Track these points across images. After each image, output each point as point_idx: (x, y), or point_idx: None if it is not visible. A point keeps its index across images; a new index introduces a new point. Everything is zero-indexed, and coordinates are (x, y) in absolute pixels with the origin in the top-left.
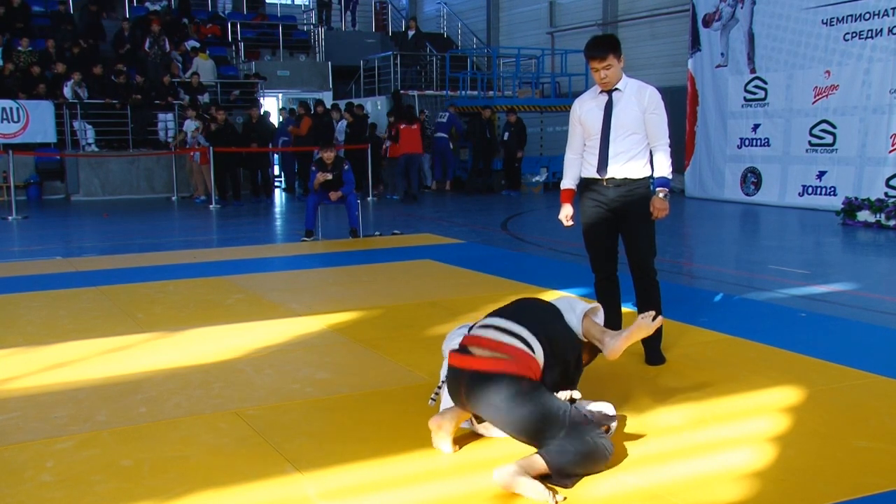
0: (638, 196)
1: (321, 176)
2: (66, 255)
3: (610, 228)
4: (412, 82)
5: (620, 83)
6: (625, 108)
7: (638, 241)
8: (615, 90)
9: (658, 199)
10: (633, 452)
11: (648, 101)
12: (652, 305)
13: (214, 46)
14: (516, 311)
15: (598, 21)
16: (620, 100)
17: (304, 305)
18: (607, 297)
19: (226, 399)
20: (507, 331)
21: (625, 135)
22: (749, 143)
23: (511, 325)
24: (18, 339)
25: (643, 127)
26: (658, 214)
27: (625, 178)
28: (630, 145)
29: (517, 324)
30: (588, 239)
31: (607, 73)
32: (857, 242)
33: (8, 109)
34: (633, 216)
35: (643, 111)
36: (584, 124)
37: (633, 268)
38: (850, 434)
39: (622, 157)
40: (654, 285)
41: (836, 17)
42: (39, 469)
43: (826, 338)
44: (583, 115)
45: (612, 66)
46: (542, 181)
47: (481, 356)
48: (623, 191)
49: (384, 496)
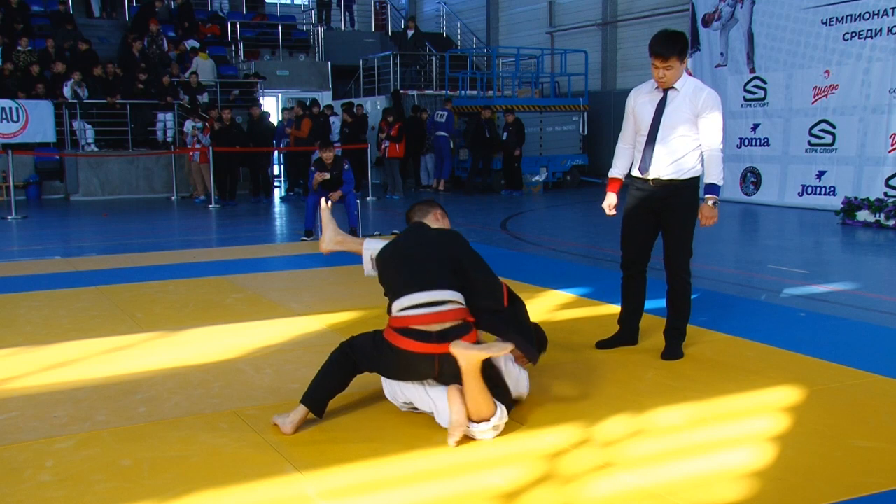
0: (683, 198)
1: (319, 175)
2: (65, 254)
3: (649, 227)
4: (412, 82)
5: (679, 83)
6: (677, 109)
7: (676, 241)
8: (671, 89)
9: (707, 207)
10: (633, 452)
11: (703, 103)
12: (680, 304)
13: (214, 46)
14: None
15: (597, 21)
16: (675, 99)
17: (303, 305)
18: (632, 295)
19: (225, 399)
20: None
21: (674, 135)
22: (748, 143)
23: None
24: (18, 338)
25: (694, 129)
26: (706, 223)
27: (671, 179)
28: (679, 147)
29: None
30: (625, 233)
31: (666, 74)
32: (857, 242)
33: (7, 109)
34: (674, 217)
35: (696, 114)
36: (637, 117)
37: (667, 265)
38: (850, 433)
39: (668, 157)
40: (685, 285)
41: (835, 17)
42: (39, 469)
43: (825, 337)
44: (636, 107)
45: (673, 68)
46: (541, 181)
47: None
48: (667, 192)
49: (384, 496)
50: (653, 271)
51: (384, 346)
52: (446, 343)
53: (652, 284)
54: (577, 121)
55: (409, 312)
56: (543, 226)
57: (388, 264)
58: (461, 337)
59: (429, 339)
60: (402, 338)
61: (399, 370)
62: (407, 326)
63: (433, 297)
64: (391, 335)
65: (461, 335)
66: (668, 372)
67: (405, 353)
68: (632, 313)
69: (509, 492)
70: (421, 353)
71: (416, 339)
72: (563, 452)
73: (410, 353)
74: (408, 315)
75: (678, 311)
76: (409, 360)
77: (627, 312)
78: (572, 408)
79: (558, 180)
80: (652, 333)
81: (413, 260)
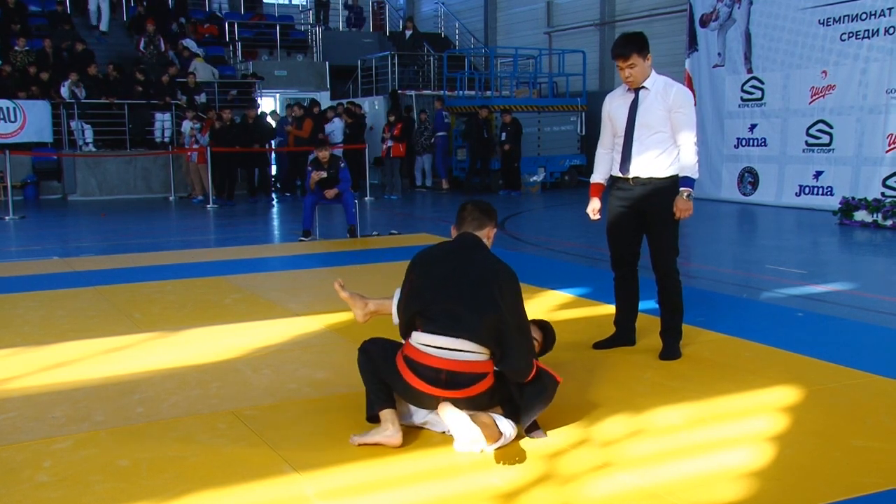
0: (663, 195)
1: (316, 174)
2: (63, 255)
3: (634, 227)
4: (410, 82)
5: (648, 81)
6: (650, 107)
7: (660, 241)
8: (642, 88)
9: (682, 200)
10: (632, 452)
11: (674, 99)
12: (672, 304)
13: (211, 46)
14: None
15: (595, 21)
16: (646, 98)
17: (301, 305)
18: (626, 295)
19: (223, 399)
20: (459, 349)
21: (649, 133)
22: (746, 143)
23: (459, 343)
24: (15, 339)
25: (669, 125)
26: (681, 215)
27: (650, 177)
28: (654, 144)
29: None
30: (611, 236)
31: (631, 73)
32: (854, 242)
33: (5, 109)
34: (657, 215)
35: (668, 109)
36: (613, 121)
37: (655, 266)
38: (848, 433)
39: (646, 156)
40: (675, 284)
41: (832, 17)
42: (37, 469)
43: (823, 337)
44: (611, 111)
45: (637, 66)
46: (539, 181)
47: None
48: (648, 190)
49: (382, 496)
50: (645, 271)
51: (394, 368)
52: (453, 390)
53: (645, 284)
54: (575, 121)
55: (425, 349)
56: (541, 226)
57: (420, 279)
58: (473, 385)
59: (437, 383)
60: (411, 374)
61: (406, 395)
62: (419, 361)
63: (454, 344)
64: (401, 364)
65: (473, 383)
66: (666, 372)
67: (411, 388)
68: (627, 313)
69: (508, 492)
70: (426, 394)
71: (423, 380)
72: (561, 452)
73: (416, 390)
74: (423, 351)
75: (671, 310)
76: (413, 395)
77: (623, 312)
78: (571, 408)
79: (556, 180)
80: (648, 334)
81: (447, 293)
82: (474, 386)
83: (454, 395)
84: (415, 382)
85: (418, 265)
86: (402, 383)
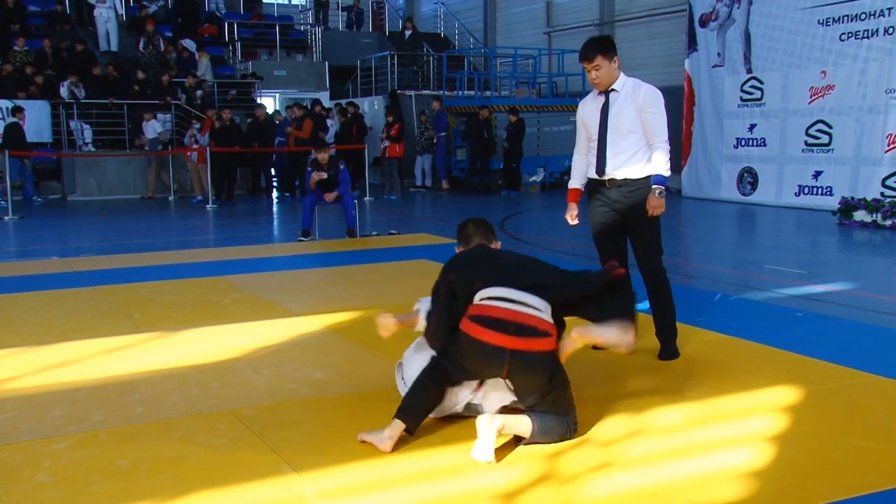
0: (640, 196)
1: (316, 175)
2: (62, 255)
3: (616, 229)
4: (409, 82)
5: (617, 83)
6: (620, 109)
7: (643, 241)
8: (612, 91)
9: (654, 197)
10: (632, 452)
11: (643, 99)
12: (663, 302)
13: (211, 46)
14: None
15: (594, 21)
16: (617, 100)
17: (301, 305)
18: None
19: (223, 399)
20: (526, 303)
21: (622, 136)
22: (745, 143)
23: (524, 296)
24: (15, 339)
25: (641, 126)
26: (653, 212)
27: (625, 178)
28: (628, 146)
29: (527, 293)
30: (597, 240)
31: (598, 75)
32: (854, 242)
33: (4, 109)
34: (636, 216)
35: (638, 110)
36: (586, 126)
37: (641, 267)
38: (847, 433)
39: (621, 157)
40: (663, 283)
41: (832, 18)
42: (36, 469)
43: (823, 337)
44: (585, 116)
45: (602, 68)
46: (539, 181)
47: (522, 336)
48: (625, 191)
49: (382, 496)
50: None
51: (460, 337)
52: (522, 339)
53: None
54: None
55: (491, 302)
56: (541, 226)
57: (470, 264)
58: (540, 338)
59: (506, 330)
60: (479, 327)
61: (472, 363)
62: (486, 315)
63: (520, 296)
64: (467, 325)
65: (540, 337)
66: (666, 372)
67: (478, 343)
68: None
69: (508, 492)
70: (494, 346)
71: (492, 329)
72: (561, 452)
73: (483, 344)
74: (489, 304)
75: (663, 309)
76: (480, 353)
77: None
78: None
79: (556, 180)
80: (645, 334)
81: (503, 262)
82: (541, 339)
83: (523, 344)
84: (484, 335)
85: (454, 267)
86: (469, 346)
